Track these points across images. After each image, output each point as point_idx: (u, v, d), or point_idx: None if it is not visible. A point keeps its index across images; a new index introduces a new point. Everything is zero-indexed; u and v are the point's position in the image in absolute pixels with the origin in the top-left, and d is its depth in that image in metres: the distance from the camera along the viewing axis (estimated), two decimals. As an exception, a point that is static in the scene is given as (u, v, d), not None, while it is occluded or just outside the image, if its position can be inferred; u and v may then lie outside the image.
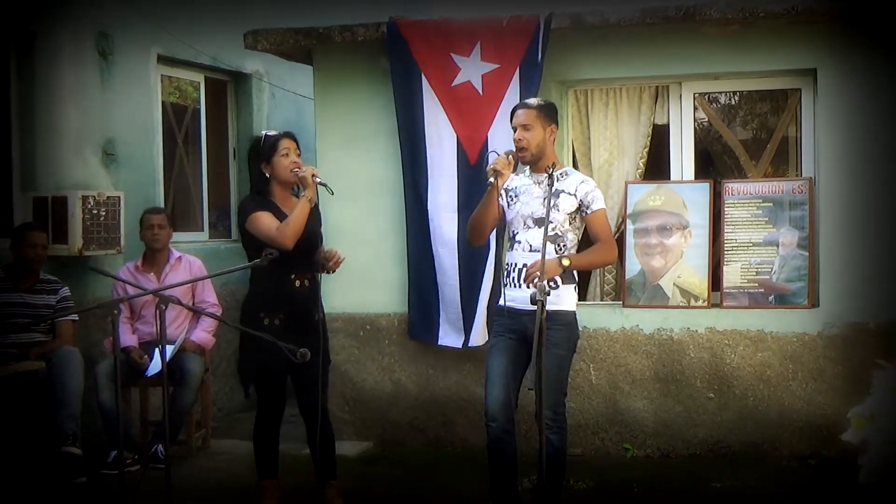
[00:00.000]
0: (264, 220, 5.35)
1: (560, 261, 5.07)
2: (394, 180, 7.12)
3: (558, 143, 6.10)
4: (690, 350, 6.74)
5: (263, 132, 5.63)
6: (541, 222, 5.13)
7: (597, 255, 5.35)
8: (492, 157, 5.29)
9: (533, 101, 5.47)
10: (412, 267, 7.07)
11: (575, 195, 5.27)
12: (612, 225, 7.06)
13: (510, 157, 5.27)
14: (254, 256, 5.31)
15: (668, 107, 7.09)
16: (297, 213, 5.32)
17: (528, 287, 5.03)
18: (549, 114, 5.38)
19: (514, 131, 5.34)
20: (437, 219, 6.93)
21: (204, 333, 7.16)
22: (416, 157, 6.97)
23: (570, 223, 5.29)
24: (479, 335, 6.76)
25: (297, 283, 5.45)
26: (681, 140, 7.02)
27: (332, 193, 5.44)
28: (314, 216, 5.47)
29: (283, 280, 5.41)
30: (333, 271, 5.58)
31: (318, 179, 5.38)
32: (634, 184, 7.04)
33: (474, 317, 6.83)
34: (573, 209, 5.28)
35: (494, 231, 5.77)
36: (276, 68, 8.91)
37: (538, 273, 4.66)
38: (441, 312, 7.00)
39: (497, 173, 5.21)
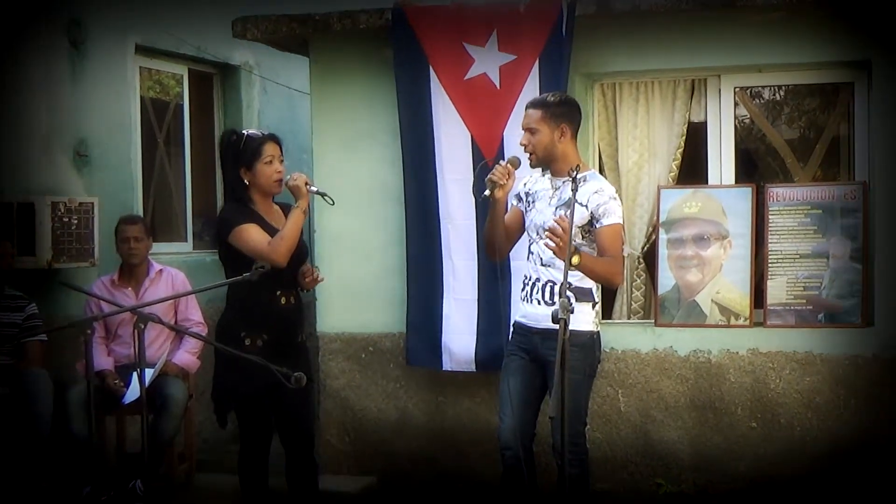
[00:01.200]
0: (253, 234, 5.34)
1: (572, 255, 4.96)
2: (399, 185, 7.07)
3: (582, 144, 6.08)
4: (730, 374, 6.70)
5: (244, 131, 5.63)
6: None
7: (602, 266, 5.21)
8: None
9: (541, 98, 5.46)
10: (412, 282, 7.01)
11: (586, 206, 5.22)
12: (642, 235, 7.10)
13: (509, 164, 5.26)
14: (233, 272, 5.30)
15: (705, 103, 7.04)
16: (292, 227, 5.33)
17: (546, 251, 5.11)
18: (561, 112, 5.33)
19: None
20: (449, 227, 6.88)
21: (187, 355, 7.10)
22: (423, 158, 6.92)
23: (582, 237, 5.24)
24: None
25: (283, 300, 5.46)
26: (719, 140, 6.98)
27: (333, 203, 5.46)
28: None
29: (269, 297, 5.40)
30: (309, 290, 5.58)
31: (313, 189, 5.39)
32: (668, 189, 7.01)
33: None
34: (584, 222, 5.23)
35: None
36: (267, 60, 8.92)
37: (559, 237, 4.78)
38: (444, 333, 6.93)
39: (494, 184, 5.20)
